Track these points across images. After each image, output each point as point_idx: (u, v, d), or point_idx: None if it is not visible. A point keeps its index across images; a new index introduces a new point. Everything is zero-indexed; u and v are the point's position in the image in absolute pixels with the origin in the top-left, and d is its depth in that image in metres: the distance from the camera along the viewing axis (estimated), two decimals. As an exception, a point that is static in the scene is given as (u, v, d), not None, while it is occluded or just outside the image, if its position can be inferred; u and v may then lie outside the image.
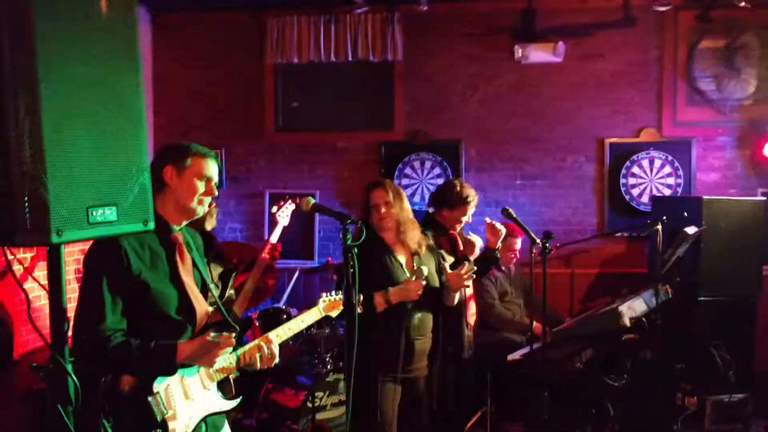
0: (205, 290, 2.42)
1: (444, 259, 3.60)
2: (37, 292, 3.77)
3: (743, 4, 4.95)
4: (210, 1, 5.72)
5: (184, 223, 2.39)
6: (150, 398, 2.18)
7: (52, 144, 1.47)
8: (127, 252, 2.17)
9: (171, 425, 2.21)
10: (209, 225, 3.92)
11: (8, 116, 1.43)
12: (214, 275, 3.79)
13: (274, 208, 4.55)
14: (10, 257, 1.55)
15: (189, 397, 2.29)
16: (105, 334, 2.13)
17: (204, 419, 2.33)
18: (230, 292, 3.90)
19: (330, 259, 5.22)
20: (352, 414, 3.21)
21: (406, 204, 3.41)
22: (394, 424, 3.30)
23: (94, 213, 1.56)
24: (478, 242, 3.89)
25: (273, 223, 4.50)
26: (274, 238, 4.36)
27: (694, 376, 4.66)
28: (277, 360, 2.46)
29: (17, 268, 1.67)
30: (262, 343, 2.45)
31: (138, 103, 1.70)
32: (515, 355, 4.38)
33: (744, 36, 5.34)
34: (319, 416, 4.28)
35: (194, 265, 2.40)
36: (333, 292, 2.67)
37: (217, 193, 2.39)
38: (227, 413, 2.47)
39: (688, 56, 5.48)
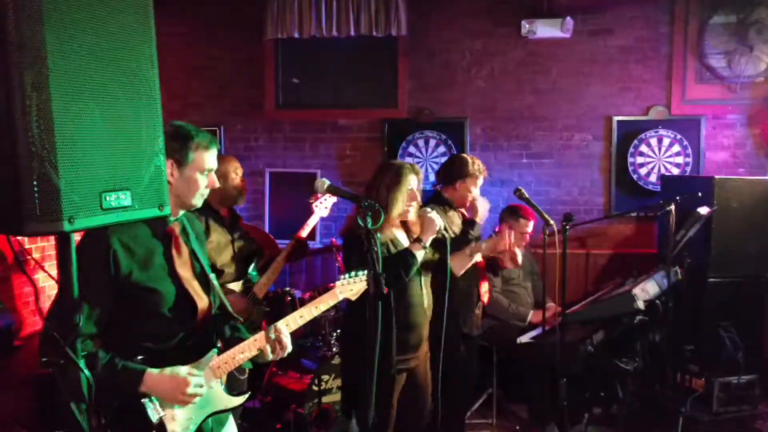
0: (205, 281, 2.28)
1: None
2: (43, 282, 3.66)
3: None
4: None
5: (181, 213, 2.26)
6: (145, 400, 2.07)
7: (61, 122, 1.34)
8: (116, 252, 2.04)
9: (169, 427, 2.10)
10: (241, 201, 3.81)
11: (14, 92, 1.31)
12: (236, 249, 3.70)
13: (312, 199, 4.31)
14: (19, 248, 1.44)
15: None
16: (73, 341, 1.92)
17: (210, 416, 2.22)
18: (253, 273, 3.79)
19: (334, 240, 5.11)
20: (352, 402, 3.18)
21: None
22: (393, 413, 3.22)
23: (108, 198, 1.45)
24: (484, 205, 3.78)
25: (310, 211, 4.30)
26: (309, 227, 4.20)
27: (702, 357, 4.60)
28: (289, 349, 2.30)
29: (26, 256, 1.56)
30: (271, 334, 2.27)
31: (152, 78, 1.58)
32: (525, 338, 4.32)
33: (757, 11, 5.20)
34: (325, 399, 4.22)
35: (192, 254, 2.26)
36: (349, 275, 2.51)
37: (218, 184, 2.26)
38: (233, 410, 2.33)
39: (699, 32, 5.35)
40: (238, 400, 2.28)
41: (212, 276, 2.32)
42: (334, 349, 4.34)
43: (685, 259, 4.47)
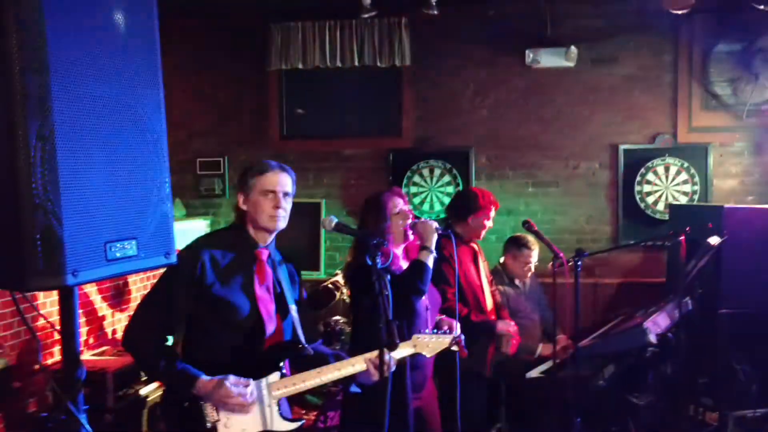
0: (284, 308, 2.44)
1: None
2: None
3: (762, 7, 4.80)
4: (214, 6, 5.55)
5: (269, 239, 2.47)
6: (203, 404, 2.22)
7: (66, 172, 1.31)
8: (204, 263, 2.29)
9: (221, 431, 2.22)
10: None
11: (18, 142, 1.27)
12: None
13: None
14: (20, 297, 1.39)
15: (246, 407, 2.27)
16: (149, 338, 2.27)
17: None
18: None
19: (338, 272, 5.06)
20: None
21: None
22: None
23: (113, 248, 1.40)
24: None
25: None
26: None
27: (715, 390, 4.51)
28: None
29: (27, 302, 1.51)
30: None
31: (158, 124, 1.54)
32: (534, 372, 4.24)
33: (761, 39, 5.20)
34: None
35: (276, 282, 2.44)
36: (432, 332, 2.60)
37: (284, 205, 2.42)
38: None
39: (703, 60, 5.34)
40: (291, 426, 2.35)
41: (293, 307, 2.47)
42: (339, 386, 4.26)
43: (696, 290, 4.40)
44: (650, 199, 5.44)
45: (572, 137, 5.53)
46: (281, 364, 2.39)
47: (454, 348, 2.66)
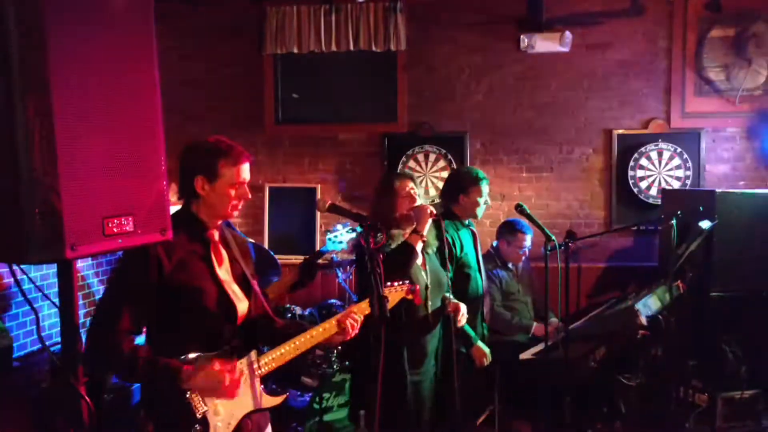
0: (246, 285, 2.37)
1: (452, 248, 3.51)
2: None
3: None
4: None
5: (220, 222, 2.35)
6: (188, 394, 2.14)
7: (64, 148, 1.33)
8: (159, 253, 2.14)
9: (212, 421, 2.16)
10: None
11: (17, 118, 1.30)
12: None
13: (329, 233, 4.21)
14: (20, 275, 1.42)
15: None
16: (118, 337, 2.10)
17: (248, 416, 2.27)
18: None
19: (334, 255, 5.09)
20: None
21: None
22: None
23: (110, 224, 1.43)
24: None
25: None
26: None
27: (705, 372, 4.58)
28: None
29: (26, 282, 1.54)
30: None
31: (154, 103, 1.56)
32: (527, 354, 4.29)
33: (755, 25, 5.23)
34: (326, 417, 4.18)
35: (232, 260, 2.36)
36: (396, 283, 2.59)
37: (249, 196, 2.33)
38: (270, 410, 2.40)
39: (697, 46, 5.37)
40: (276, 400, 2.35)
41: (254, 283, 2.41)
42: (335, 366, 4.31)
43: (686, 273, 4.46)
44: (643, 184, 5.48)
45: (566, 122, 5.56)
46: (258, 342, 2.37)
47: (410, 297, 2.72)
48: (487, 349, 3.70)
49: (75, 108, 1.37)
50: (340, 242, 4.08)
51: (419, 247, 3.14)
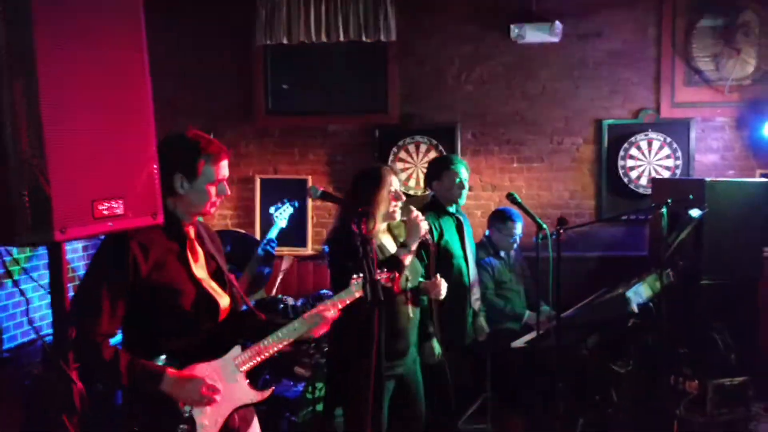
0: (222, 280, 2.33)
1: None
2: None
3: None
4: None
5: (197, 218, 2.28)
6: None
7: (52, 131, 1.32)
8: (135, 254, 2.07)
9: (199, 420, 2.13)
10: None
11: (3, 101, 1.28)
12: None
13: (272, 209, 4.53)
14: (7, 258, 1.40)
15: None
16: (96, 341, 2.04)
17: (235, 411, 2.24)
18: None
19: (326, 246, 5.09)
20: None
21: None
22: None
23: (100, 207, 1.42)
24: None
25: (270, 222, 4.51)
26: (272, 235, 4.34)
27: (696, 360, 4.61)
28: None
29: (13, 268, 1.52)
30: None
31: (143, 84, 1.55)
32: (519, 343, 4.30)
33: (744, 14, 5.25)
34: (320, 407, 4.18)
35: (208, 256, 2.31)
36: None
37: (229, 192, 2.28)
38: (256, 405, 2.37)
39: (686, 35, 5.38)
40: (263, 395, 2.30)
41: (232, 277, 2.37)
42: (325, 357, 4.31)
43: (677, 262, 4.48)
44: (633, 174, 5.50)
45: (556, 112, 5.56)
46: (239, 337, 2.32)
47: (389, 284, 2.67)
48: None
49: (63, 90, 1.36)
50: (285, 218, 4.47)
51: (407, 261, 3.06)
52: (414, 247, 3.09)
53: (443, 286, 3.25)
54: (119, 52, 1.49)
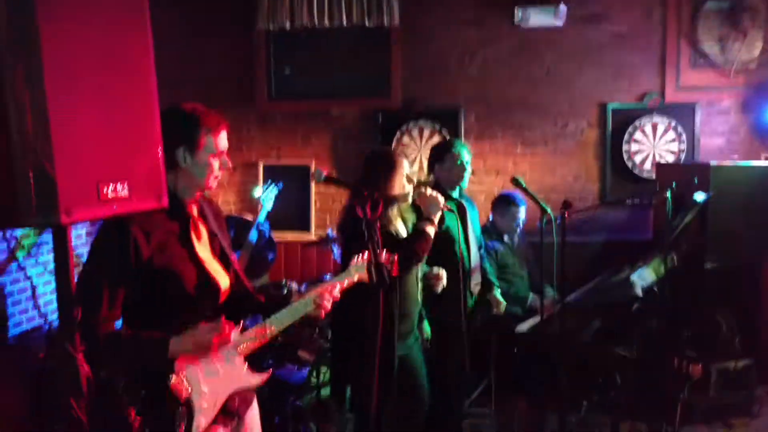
0: (225, 260, 2.31)
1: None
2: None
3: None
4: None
5: (198, 195, 2.25)
6: (171, 376, 2.08)
7: (56, 114, 1.31)
8: (136, 237, 2.04)
9: (197, 402, 2.10)
10: None
11: (6, 85, 1.27)
12: None
13: (257, 192, 4.54)
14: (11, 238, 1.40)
15: (214, 371, 2.17)
16: (97, 326, 2.02)
17: (234, 393, 2.22)
18: None
19: (330, 231, 5.09)
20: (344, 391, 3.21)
21: None
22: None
23: (105, 189, 1.41)
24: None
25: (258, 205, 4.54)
26: (261, 219, 4.36)
27: (699, 343, 4.61)
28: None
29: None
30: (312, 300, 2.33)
31: (147, 67, 1.54)
32: (523, 327, 4.31)
33: (749, -3, 5.20)
34: (324, 392, 4.20)
35: (211, 234, 2.29)
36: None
37: (230, 164, 2.25)
38: (255, 388, 2.34)
39: (692, 18, 5.33)
40: (261, 377, 2.28)
41: (234, 256, 2.35)
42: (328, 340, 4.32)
43: (681, 246, 4.47)
44: (638, 158, 5.48)
45: (561, 96, 5.53)
46: (239, 319, 2.27)
47: (387, 266, 2.66)
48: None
49: (67, 71, 1.35)
50: (271, 200, 4.56)
51: (432, 232, 3.14)
52: (436, 219, 3.15)
53: (444, 280, 3.32)
54: (123, 34, 1.47)
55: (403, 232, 3.22)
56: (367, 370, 2.14)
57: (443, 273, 3.39)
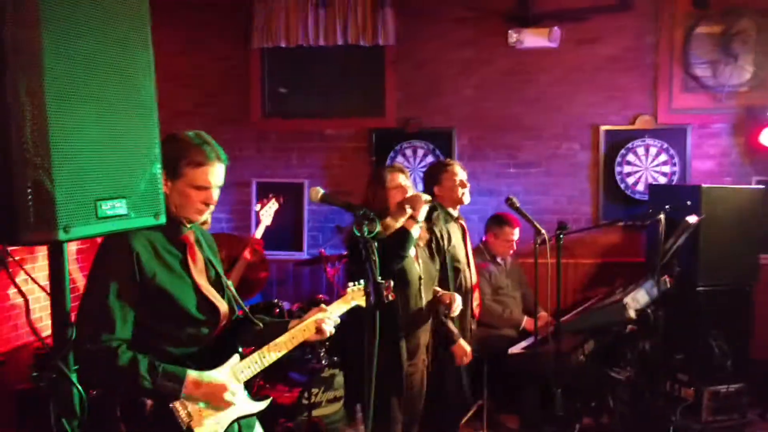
0: (221, 287, 2.29)
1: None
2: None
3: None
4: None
5: (192, 223, 2.23)
6: (174, 404, 2.05)
7: (56, 129, 1.30)
8: (139, 254, 2.03)
9: (197, 431, 2.08)
10: None
11: (7, 97, 1.26)
12: None
13: (258, 206, 4.57)
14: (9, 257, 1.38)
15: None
16: (112, 346, 1.99)
17: (235, 421, 2.21)
18: None
19: (322, 250, 5.08)
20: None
21: None
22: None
23: (103, 206, 1.40)
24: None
25: (257, 220, 4.53)
26: (258, 234, 4.36)
27: (692, 366, 4.61)
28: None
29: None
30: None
31: (148, 84, 1.54)
32: (516, 349, 4.30)
33: (741, 22, 5.26)
34: (315, 413, 4.16)
35: (207, 262, 2.27)
36: (359, 282, 2.51)
37: (215, 201, 2.18)
38: (255, 415, 2.33)
39: (684, 42, 5.39)
40: (260, 405, 2.28)
41: (229, 282, 2.33)
42: (323, 362, 4.28)
43: (674, 268, 4.48)
44: (630, 180, 5.51)
45: (554, 118, 5.56)
46: (238, 345, 2.27)
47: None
48: (468, 348, 3.66)
49: (67, 89, 1.34)
50: (270, 215, 4.59)
51: (415, 231, 3.13)
52: (420, 217, 3.16)
53: (458, 304, 3.35)
54: (125, 52, 1.47)
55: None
56: (366, 393, 2.13)
57: (456, 297, 3.42)
